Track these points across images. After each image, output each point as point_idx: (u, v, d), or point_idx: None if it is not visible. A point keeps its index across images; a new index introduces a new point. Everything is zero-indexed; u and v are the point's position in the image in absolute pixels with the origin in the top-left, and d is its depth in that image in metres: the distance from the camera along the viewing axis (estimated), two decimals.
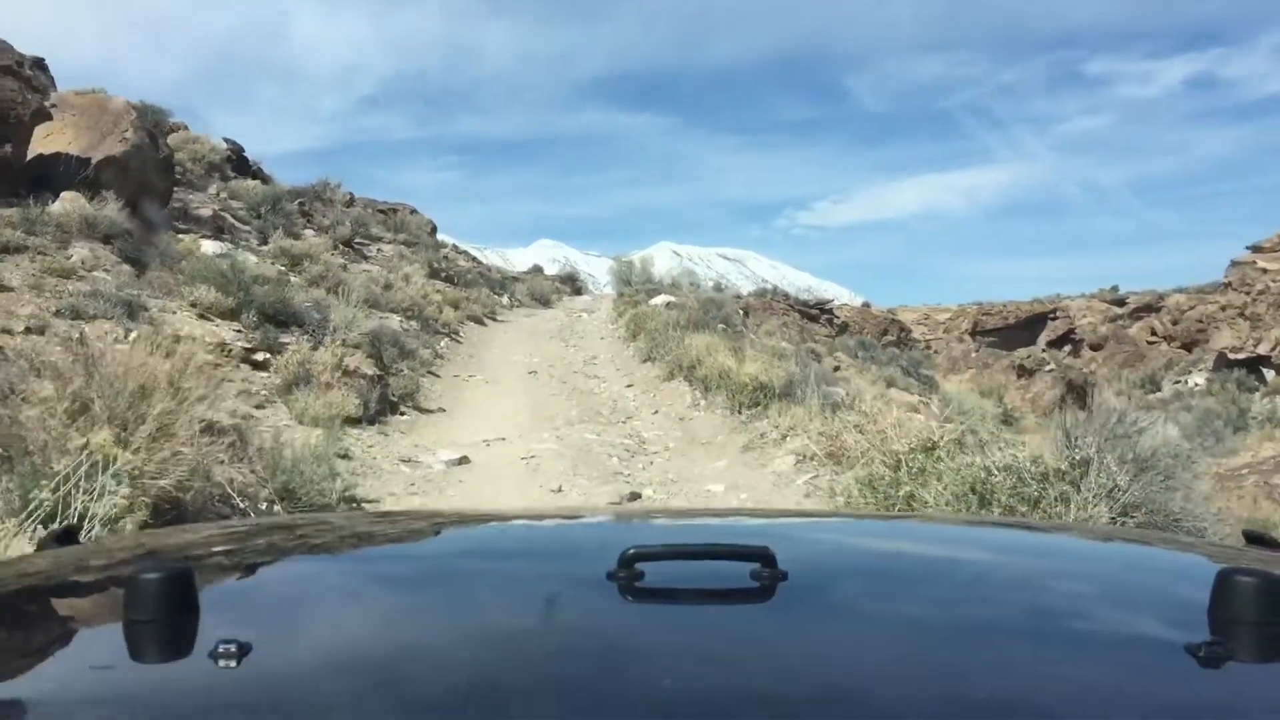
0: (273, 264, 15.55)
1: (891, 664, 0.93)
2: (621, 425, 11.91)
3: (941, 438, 7.09)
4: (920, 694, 0.85)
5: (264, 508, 6.15)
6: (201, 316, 11.13)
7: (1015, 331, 59.88)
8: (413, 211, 33.12)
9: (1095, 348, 59.11)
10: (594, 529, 1.77)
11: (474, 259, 34.60)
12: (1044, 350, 60.79)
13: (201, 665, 0.84)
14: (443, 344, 17.41)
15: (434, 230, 33.96)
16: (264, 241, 18.36)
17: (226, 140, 25.64)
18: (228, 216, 18.73)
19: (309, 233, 21.12)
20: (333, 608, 1.14)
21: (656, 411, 12.51)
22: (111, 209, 12.97)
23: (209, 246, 15.09)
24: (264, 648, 0.89)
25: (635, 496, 8.38)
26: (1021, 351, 39.64)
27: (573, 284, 42.32)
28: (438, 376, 14.66)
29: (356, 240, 23.78)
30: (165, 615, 0.93)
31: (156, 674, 0.90)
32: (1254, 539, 1.51)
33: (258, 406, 9.62)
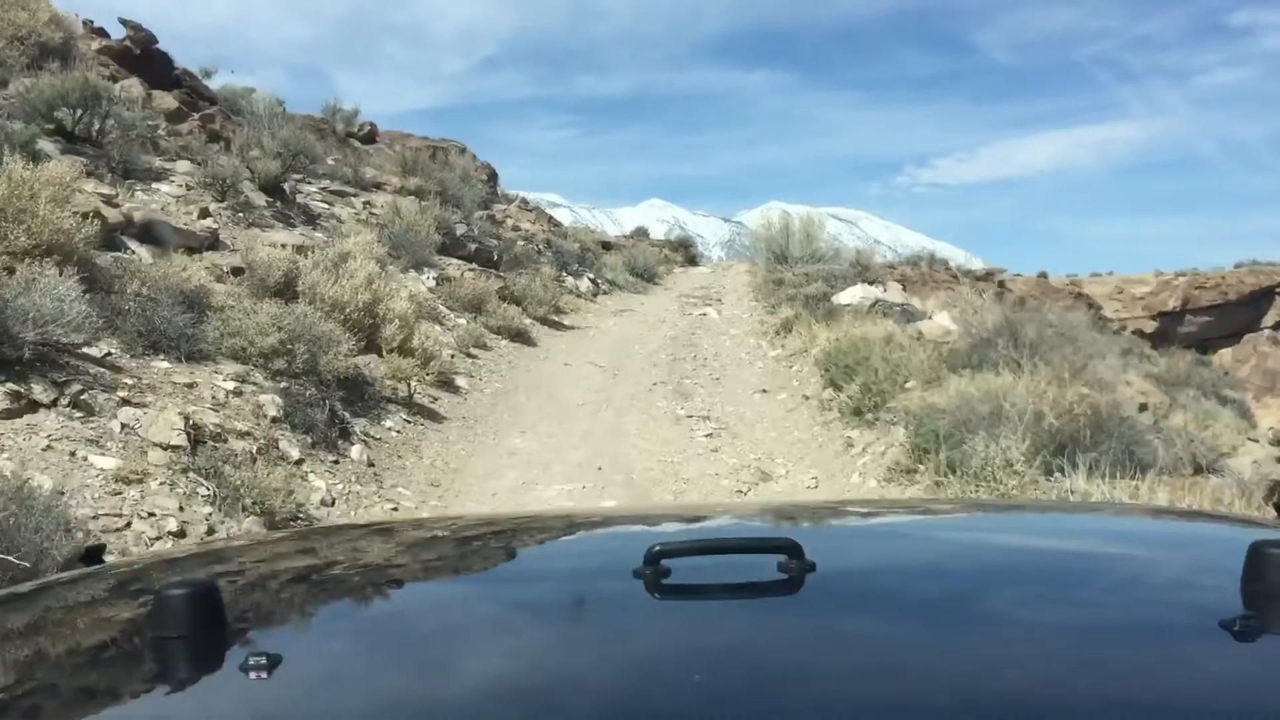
0: None
1: (921, 654, 0.86)
2: None
3: None
4: (951, 685, 0.79)
5: None
6: None
7: (1235, 309, 45.85)
8: (461, 151, 22.01)
9: None
10: (620, 526, 1.61)
11: (550, 220, 23.36)
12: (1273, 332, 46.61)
13: (231, 679, 0.78)
14: (355, 451, 6.20)
15: (492, 178, 22.80)
16: None
17: (126, 24, 14.84)
18: None
19: (180, 166, 10.14)
20: (360, 619, 1.05)
21: None
22: None
23: None
24: (293, 662, 0.83)
25: None
26: None
27: (685, 251, 30.88)
28: None
29: (308, 184, 12.70)
30: (192, 631, 0.86)
31: (186, 690, 0.83)
32: None
33: None
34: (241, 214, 9.74)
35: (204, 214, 9.21)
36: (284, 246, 8.43)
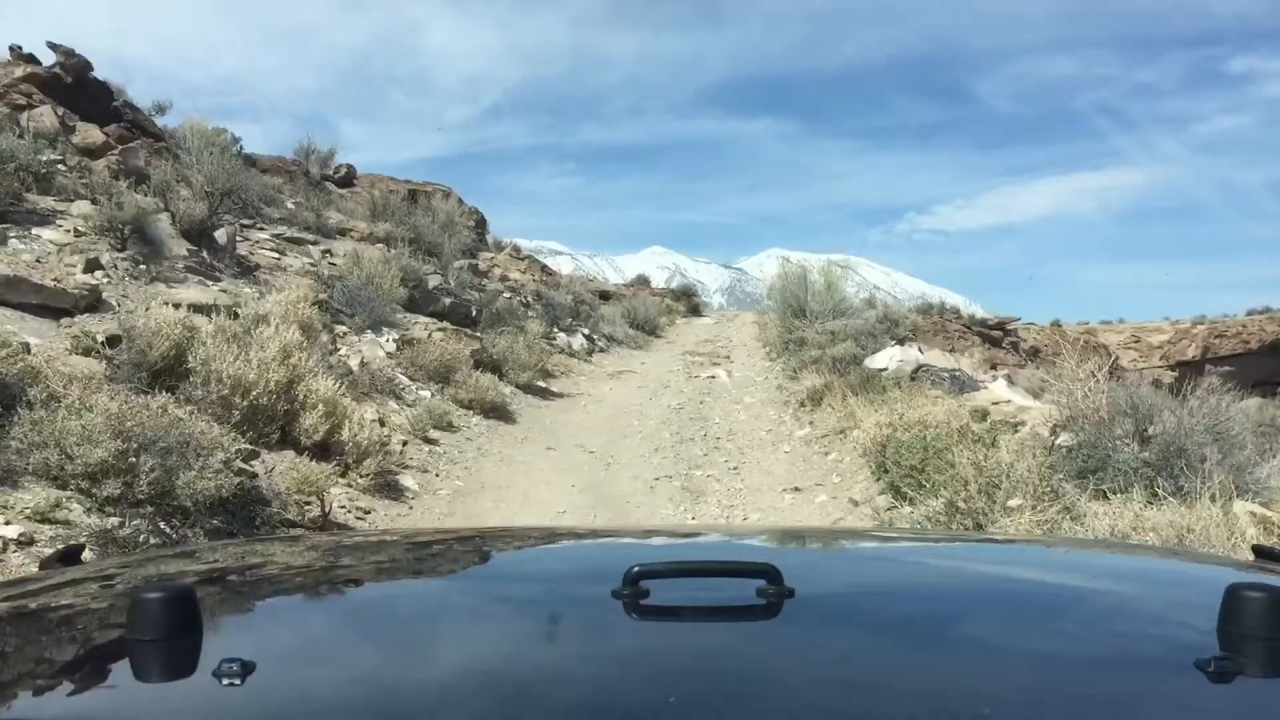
0: None
1: (896, 685, 0.85)
2: None
3: None
4: (923, 710, 0.79)
5: None
6: None
7: (1257, 359, 43.86)
8: (446, 194, 20.19)
9: None
10: (601, 546, 1.56)
11: (543, 269, 21.48)
12: None
13: (205, 684, 0.77)
14: None
15: (480, 224, 21.00)
16: None
17: (55, 48, 13.06)
18: None
19: (77, 207, 8.25)
20: (336, 627, 1.04)
21: None
22: None
23: None
24: (268, 667, 0.81)
25: None
26: None
27: (688, 300, 29.11)
28: None
29: (259, 229, 10.81)
30: (168, 635, 0.84)
31: (159, 693, 0.82)
32: (1262, 553, 1.37)
33: None
34: (146, 266, 7.81)
35: (93, 266, 7.28)
36: (178, 307, 6.46)
